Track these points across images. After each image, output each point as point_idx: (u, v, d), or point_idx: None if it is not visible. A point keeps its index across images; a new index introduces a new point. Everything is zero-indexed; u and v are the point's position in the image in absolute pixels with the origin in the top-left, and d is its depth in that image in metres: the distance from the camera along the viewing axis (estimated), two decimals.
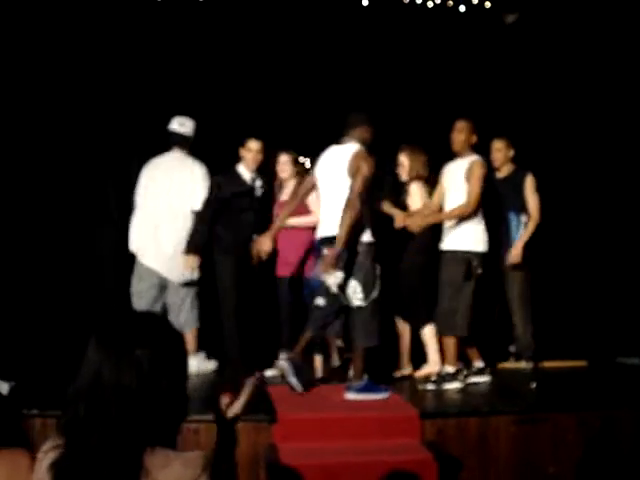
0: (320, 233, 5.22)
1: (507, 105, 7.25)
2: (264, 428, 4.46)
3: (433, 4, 6.99)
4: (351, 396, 5.07)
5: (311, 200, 5.72)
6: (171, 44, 6.84)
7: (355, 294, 5.11)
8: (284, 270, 5.94)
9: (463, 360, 5.98)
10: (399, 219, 5.62)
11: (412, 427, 4.57)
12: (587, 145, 7.26)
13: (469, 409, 4.76)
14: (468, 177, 5.51)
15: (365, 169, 5.05)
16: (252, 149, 5.92)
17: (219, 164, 6.15)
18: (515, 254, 5.87)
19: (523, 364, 6.11)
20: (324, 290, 5.08)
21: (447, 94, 7.21)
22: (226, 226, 5.88)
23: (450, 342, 5.50)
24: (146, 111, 6.84)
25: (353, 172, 5.06)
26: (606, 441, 4.69)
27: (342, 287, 5.09)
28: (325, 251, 5.05)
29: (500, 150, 6.08)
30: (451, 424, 4.62)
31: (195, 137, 6.09)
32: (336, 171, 5.15)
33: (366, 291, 5.11)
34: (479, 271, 5.48)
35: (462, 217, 5.49)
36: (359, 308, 5.12)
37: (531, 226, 5.94)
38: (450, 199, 5.64)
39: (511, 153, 6.10)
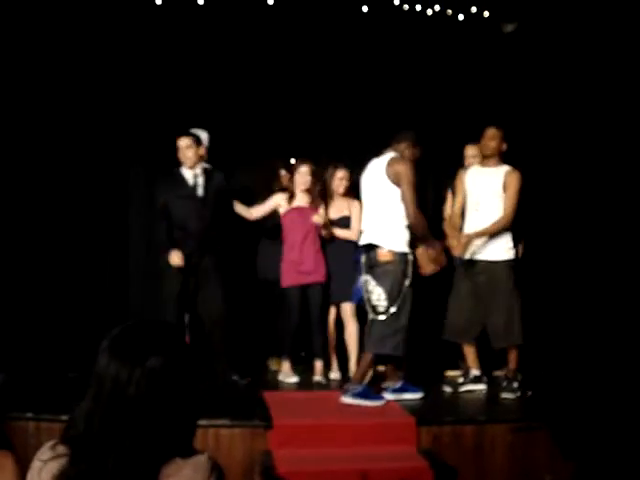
0: (361, 241, 5.37)
1: (505, 113, 7.24)
2: (259, 434, 4.46)
3: (432, 12, 7.00)
4: (346, 400, 5.07)
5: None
6: (167, 50, 6.83)
7: (379, 301, 5.15)
8: (289, 280, 5.96)
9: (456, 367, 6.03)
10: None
11: (408, 434, 4.58)
12: (583, 153, 7.26)
13: (465, 417, 4.75)
14: (506, 187, 5.54)
15: (406, 172, 5.13)
16: (180, 146, 5.78)
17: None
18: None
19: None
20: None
21: (445, 102, 7.23)
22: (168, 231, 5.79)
23: (515, 351, 5.56)
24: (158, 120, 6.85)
25: (393, 178, 5.15)
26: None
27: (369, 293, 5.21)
28: (363, 258, 5.28)
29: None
30: (447, 432, 4.62)
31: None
32: (376, 181, 5.27)
33: (390, 300, 5.13)
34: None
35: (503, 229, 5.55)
36: (378, 315, 5.18)
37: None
38: (483, 208, 5.61)
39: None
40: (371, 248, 5.23)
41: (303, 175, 5.99)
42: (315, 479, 4.16)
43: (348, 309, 6.00)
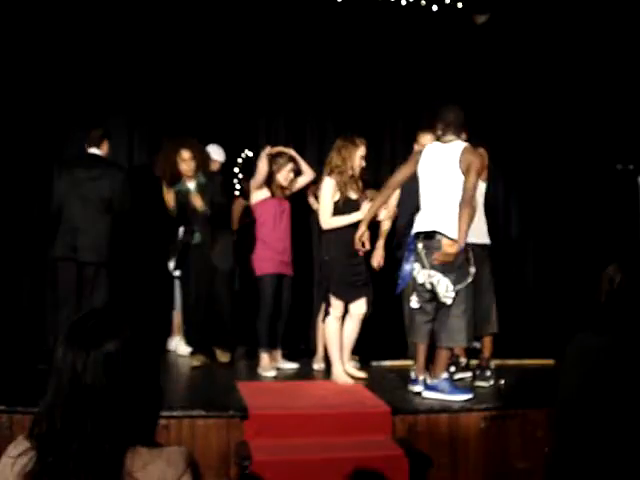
0: (417, 228, 5.07)
1: (477, 104, 7.29)
2: (235, 424, 4.45)
3: (406, 2, 7.00)
4: (429, 394, 4.98)
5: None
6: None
7: (447, 292, 4.97)
8: (267, 268, 5.93)
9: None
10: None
11: (383, 423, 4.59)
12: (556, 147, 7.33)
13: (439, 406, 4.78)
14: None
15: (477, 164, 4.98)
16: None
17: None
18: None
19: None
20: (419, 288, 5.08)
21: (417, 92, 7.24)
22: None
23: (490, 339, 5.62)
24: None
25: (465, 168, 4.94)
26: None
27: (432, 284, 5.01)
28: (420, 246, 5.00)
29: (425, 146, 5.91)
30: (422, 421, 4.64)
31: None
32: (445, 169, 5.00)
33: (457, 291, 4.99)
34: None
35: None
36: (448, 307, 5.01)
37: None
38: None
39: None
40: (432, 236, 4.98)
41: (287, 172, 5.99)
42: (292, 468, 4.16)
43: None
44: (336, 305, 5.54)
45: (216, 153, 6.55)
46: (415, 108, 7.15)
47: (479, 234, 5.49)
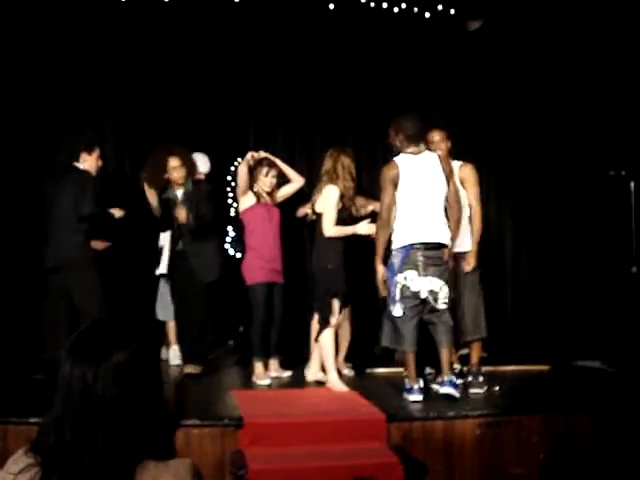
0: (417, 239, 5.11)
1: (470, 111, 7.32)
2: (230, 433, 4.43)
3: (398, 10, 7.02)
4: (446, 390, 5.11)
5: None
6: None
7: (446, 299, 5.16)
8: (258, 277, 5.91)
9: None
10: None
11: (378, 431, 4.58)
12: (550, 151, 7.34)
13: (434, 413, 4.77)
14: (463, 181, 5.59)
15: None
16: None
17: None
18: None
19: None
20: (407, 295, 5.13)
21: (410, 99, 7.24)
22: None
23: (478, 346, 5.61)
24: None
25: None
26: (569, 442, 4.76)
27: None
28: (419, 255, 5.09)
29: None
30: (417, 428, 4.63)
31: None
32: (429, 180, 5.16)
33: (449, 293, 5.19)
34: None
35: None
36: (443, 311, 5.17)
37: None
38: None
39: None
40: (436, 248, 5.14)
41: (270, 178, 6.00)
42: (287, 477, 4.14)
43: (347, 310, 5.99)
44: (337, 313, 5.57)
45: (201, 162, 6.50)
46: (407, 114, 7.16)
47: (464, 242, 5.58)
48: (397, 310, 5.12)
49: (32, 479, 1.57)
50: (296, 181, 6.17)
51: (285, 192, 6.17)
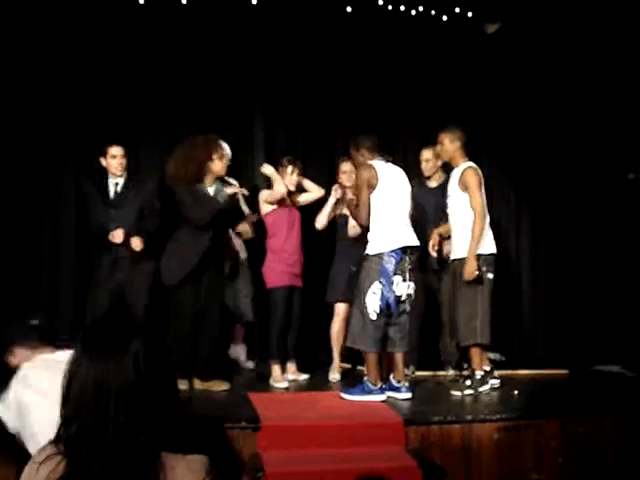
0: (406, 243, 5.25)
1: (487, 114, 7.29)
2: (248, 436, 4.44)
3: (416, 12, 7.01)
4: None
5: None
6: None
7: (412, 300, 5.39)
8: (279, 280, 5.90)
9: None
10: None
11: (396, 434, 4.57)
12: (569, 154, 7.30)
13: (452, 417, 4.75)
14: (465, 186, 5.55)
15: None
16: (116, 155, 5.82)
17: None
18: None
19: (450, 371, 6.14)
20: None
21: (428, 102, 7.24)
22: None
23: (475, 350, 5.54)
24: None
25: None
26: (588, 447, 4.72)
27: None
28: (407, 259, 5.23)
29: (428, 160, 6.09)
30: (434, 431, 4.62)
31: None
32: (402, 187, 5.41)
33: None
34: (489, 274, 5.50)
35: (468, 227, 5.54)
36: (407, 314, 5.38)
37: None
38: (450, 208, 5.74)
39: (440, 162, 6.09)
40: (417, 251, 5.37)
41: (296, 176, 6.01)
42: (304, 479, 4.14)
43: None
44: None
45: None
46: (425, 118, 7.16)
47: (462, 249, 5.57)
48: (374, 314, 5.17)
49: (55, 468, 1.61)
50: (314, 191, 6.18)
51: (305, 199, 6.17)
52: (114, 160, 5.81)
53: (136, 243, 5.65)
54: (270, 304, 5.92)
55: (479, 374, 5.48)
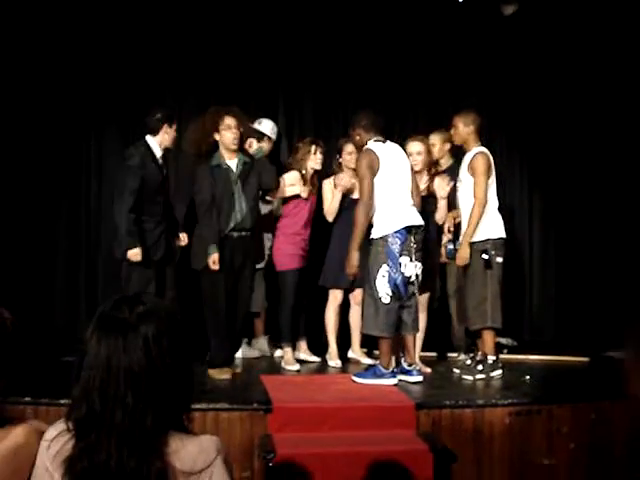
0: (409, 222, 5.20)
1: (503, 98, 7.23)
2: (259, 418, 4.45)
3: None
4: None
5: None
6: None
7: (420, 281, 5.34)
8: (293, 263, 5.87)
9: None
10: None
11: (407, 418, 4.58)
12: (585, 139, 7.23)
13: (464, 401, 4.75)
14: (472, 171, 5.52)
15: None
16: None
17: None
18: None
19: (461, 356, 6.12)
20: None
21: (444, 85, 7.19)
22: None
23: (487, 334, 5.51)
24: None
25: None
26: (599, 432, 4.71)
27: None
28: (412, 239, 5.19)
29: (435, 145, 5.98)
30: (446, 415, 4.62)
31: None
32: (403, 166, 5.35)
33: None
34: (499, 258, 5.48)
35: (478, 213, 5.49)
36: (415, 296, 5.34)
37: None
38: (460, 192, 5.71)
39: (447, 147, 6.04)
40: (421, 231, 5.32)
41: (319, 155, 5.93)
42: (315, 462, 4.14)
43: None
44: None
45: (267, 127, 6.16)
46: (440, 100, 7.12)
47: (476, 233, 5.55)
48: (386, 297, 5.13)
49: (64, 445, 1.64)
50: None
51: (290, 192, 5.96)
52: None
53: None
54: (280, 287, 5.90)
55: (491, 359, 5.47)
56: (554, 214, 7.41)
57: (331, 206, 5.96)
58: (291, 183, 5.88)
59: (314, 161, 5.89)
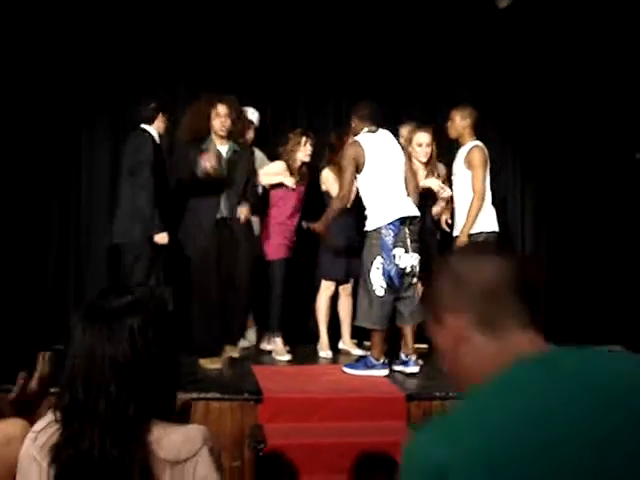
0: (403, 213, 5.17)
1: (495, 90, 7.22)
2: (250, 408, 4.45)
3: None
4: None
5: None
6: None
7: (418, 272, 5.28)
8: (280, 252, 5.89)
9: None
10: None
11: (398, 409, 4.58)
12: (576, 133, 7.24)
13: (454, 392, 4.74)
14: (468, 164, 5.55)
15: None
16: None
17: None
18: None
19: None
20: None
21: (438, 78, 7.16)
22: None
23: None
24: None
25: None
26: None
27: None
28: (407, 230, 5.16)
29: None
30: (437, 406, 4.63)
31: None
32: (394, 156, 5.31)
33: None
34: None
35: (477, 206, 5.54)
36: (414, 287, 5.30)
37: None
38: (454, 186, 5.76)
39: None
40: (416, 221, 5.30)
41: (309, 146, 5.93)
42: (305, 452, 4.15)
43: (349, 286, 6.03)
44: None
45: (252, 115, 6.11)
46: (433, 93, 7.11)
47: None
48: (380, 290, 5.12)
49: (52, 435, 1.65)
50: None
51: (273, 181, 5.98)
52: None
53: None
54: (270, 277, 5.89)
55: None
56: (546, 207, 7.40)
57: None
58: (276, 172, 5.88)
59: (303, 152, 5.90)
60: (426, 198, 5.72)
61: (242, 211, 5.48)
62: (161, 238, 5.41)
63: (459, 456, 1.12)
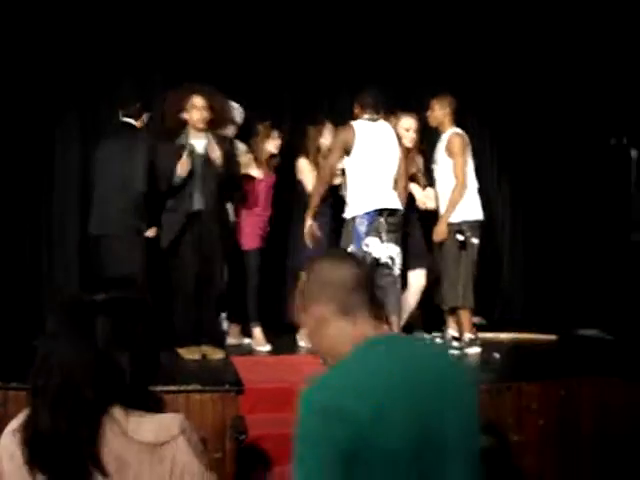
0: (381, 205, 5.17)
1: (472, 79, 7.23)
2: (231, 399, 4.45)
3: None
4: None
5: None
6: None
7: (399, 263, 5.29)
8: (254, 242, 5.90)
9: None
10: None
11: None
12: (552, 120, 7.28)
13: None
14: (449, 152, 5.57)
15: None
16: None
17: None
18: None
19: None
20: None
21: (417, 66, 7.14)
22: None
23: (462, 313, 5.61)
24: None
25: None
26: (568, 409, 4.78)
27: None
28: (382, 221, 5.14)
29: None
30: None
31: None
32: (386, 146, 5.29)
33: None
34: (474, 240, 5.52)
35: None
36: (397, 278, 5.31)
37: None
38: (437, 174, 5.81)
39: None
40: (395, 213, 5.29)
41: (278, 139, 5.97)
42: (287, 442, 4.12)
43: None
44: None
45: (236, 113, 6.04)
46: (410, 81, 7.10)
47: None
48: None
49: (29, 429, 1.65)
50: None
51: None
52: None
53: None
54: (245, 267, 5.89)
55: (467, 336, 5.53)
56: (523, 195, 7.45)
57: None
58: (243, 163, 5.88)
59: (272, 144, 5.92)
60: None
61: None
62: (151, 231, 5.51)
63: (350, 400, 1.62)
